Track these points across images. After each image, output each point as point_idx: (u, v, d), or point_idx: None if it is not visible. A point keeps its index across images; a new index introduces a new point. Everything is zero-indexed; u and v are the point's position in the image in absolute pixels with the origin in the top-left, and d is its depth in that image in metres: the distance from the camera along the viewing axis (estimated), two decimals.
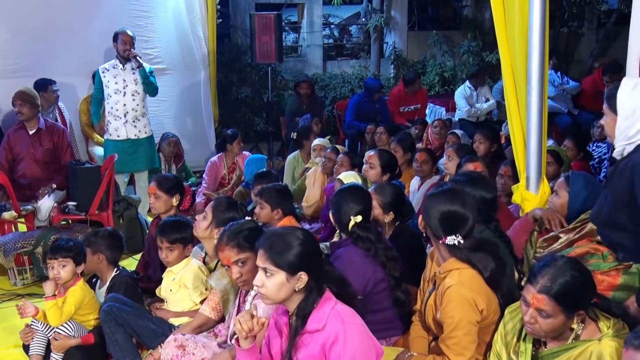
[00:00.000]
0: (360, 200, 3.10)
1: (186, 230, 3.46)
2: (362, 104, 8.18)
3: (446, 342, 2.54)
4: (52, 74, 6.37)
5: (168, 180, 4.17)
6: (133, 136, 6.02)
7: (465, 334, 2.51)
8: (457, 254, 2.58)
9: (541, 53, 3.53)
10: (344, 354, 2.16)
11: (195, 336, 2.94)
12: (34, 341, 3.42)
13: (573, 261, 2.28)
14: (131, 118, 5.97)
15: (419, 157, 5.18)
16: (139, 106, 6.01)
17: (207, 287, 3.34)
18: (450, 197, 2.63)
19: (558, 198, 3.35)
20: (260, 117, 9.47)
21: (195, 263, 3.47)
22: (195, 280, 3.38)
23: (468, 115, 7.91)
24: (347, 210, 3.06)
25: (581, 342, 2.20)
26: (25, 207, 5.09)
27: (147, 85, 5.95)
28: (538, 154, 3.68)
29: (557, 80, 8.00)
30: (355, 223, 3.03)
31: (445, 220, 2.58)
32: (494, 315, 2.57)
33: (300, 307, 2.29)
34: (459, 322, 2.50)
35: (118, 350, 3.20)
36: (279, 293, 2.26)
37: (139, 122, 6.04)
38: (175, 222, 3.51)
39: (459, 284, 2.52)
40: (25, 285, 4.80)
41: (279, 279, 2.24)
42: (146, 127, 6.12)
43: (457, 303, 2.50)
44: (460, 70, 10.31)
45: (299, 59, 10.77)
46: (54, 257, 3.39)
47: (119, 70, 5.90)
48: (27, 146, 5.40)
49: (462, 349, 2.51)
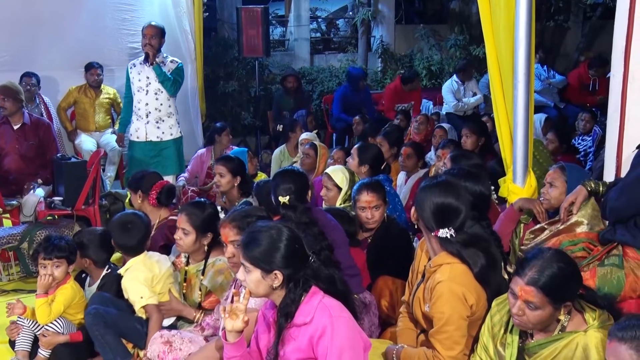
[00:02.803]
0: (289, 182, 3.25)
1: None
2: (348, 95, 8.22)
3: (436, 337, 2.55)
4: (37, 67, 6.32)
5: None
6: (155, 138, 5.60)
7: (455, 329, 2.51)
8: (448, 247, 2.59)
9: (527, 47, 3.54)
10: (331, 347, 2.17)
11: (182, 332, 2.94)
12: (20, 337, 3.40)
13: (560, 253, 2.30)
14: (154, 119, 5.55)
15: (404, 152, 5.21)
16: (163, 106, 5.56)
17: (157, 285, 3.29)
18: (445, 189, 2.62)
19: (555, 189, 3.34)
20: (247, 111, 9.44)
21: (141, 259, 3.38)
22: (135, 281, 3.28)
23: (455, 110, 7.94)
24: (278, 192, 3.23)
25: (567, 334, 2.22)
26: (10, 202, 5.05)
27: (164, 83, 5.46)
28: (524, 148, 3.69)
29: (543, 74, 8.06)
30: (284, 203, 3.18)
31: (439, 213, 2.58)
32: (482, 310, 2.58)
33: (282, 303, 2.30)
34: (449, 317, 2.50)
35: (109, 352, 3.17)
36: (257, 289, 2.30)
37: (163, 124, 5.59)
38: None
39: (449, 279, 2.52)
40: (11, 280, 4.77)
41: (255, 276, 2.28)
42: (172, 129, 5.66)
43: (448, 298, 2.50)
44: (447, 64, 10.33)
45: (286, 53, 10.74)
46: (49, 257, 3.35)
47: (144, 66, 5.50)
48: (11, 141, 5.35)
49: (452, 344, 2.52)
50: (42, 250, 3.39)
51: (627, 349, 1.73)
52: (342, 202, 4.12)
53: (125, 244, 3.39)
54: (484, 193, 3.08)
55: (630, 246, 2.77)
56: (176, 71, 5.53)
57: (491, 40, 3.77)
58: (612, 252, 2.81)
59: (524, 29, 3.52)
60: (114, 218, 3.58)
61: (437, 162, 4.74)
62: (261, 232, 2.31)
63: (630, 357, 1.71)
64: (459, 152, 4.26)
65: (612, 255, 2.80)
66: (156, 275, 3.31)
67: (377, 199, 3.63)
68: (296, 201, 3.20)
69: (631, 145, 3.16)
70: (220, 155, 5.30)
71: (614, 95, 3.36)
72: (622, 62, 3.24)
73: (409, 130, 6.80)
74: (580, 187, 3.07)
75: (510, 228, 3.41)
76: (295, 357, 2.26)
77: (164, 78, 5.44)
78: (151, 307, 3.20)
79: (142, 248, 3.41)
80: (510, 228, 3.41)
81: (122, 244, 3.41)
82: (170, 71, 5.49)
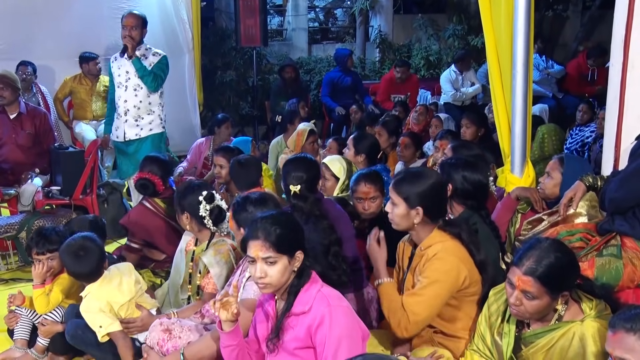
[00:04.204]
0: (302, 171, 3.18)
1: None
2: (336, 79, 8.26)
3: (409, 298, 2.57)
4: (33, 57, 6.28)
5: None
6: (134, 136, 5.20)
7: (433, 296, 2.53)
8: (451, 228, 2.64)
9: (526, 37, 3.54)
10: (329, 336, 2.18)
11: (181, 320, 2.94)
12: (18, 326, 3.41)
13: (557, 243, 2.30)
14: (132, 117, 5.15)
15: (401, 142, 5.22)
16: (142, 103, 5.13)
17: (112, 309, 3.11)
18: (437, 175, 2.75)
19: (551, 179, 3.37)
20: (245, 101, 9.42)
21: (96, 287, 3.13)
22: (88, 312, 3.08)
23: (453, 100, 7.93)
24: (289, 180, 3.17)
25: (564, 323, 2.22)
26: (7, 191, 5.04)
27: (144, 78, 5.03)
28: (523, 138, 3.69)
29: (541, 64, 8.03)
30: (295, 192, 3.12)
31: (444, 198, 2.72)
32: (475, 285, 2.60)
33: (292, 285, 2.31)
34: (432, 283, 2.53)
35: (99, 357, 3.19)
36: (282, 278, 2.27)
37: (142, 121, 5.17)
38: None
39: (443, 250, 2.56)
40: (9, 270, 4.77)
41: (283, 264, 2.25)
42: (152, 124, 5.21)
43: (439, 266, 2.54)
44: (445, 54, 10.30)
45: (284, 43, 10.71)
46: (41, 252, 3.34)
47: (123, 59, 5.12)
48: (8, 131, 5.33)
49: (421, 309, 2.53)
50: (34, 245, 3.37)
51: (636, 340, 1.72)
52: (339, 192, 4.12)
53: (80, 272, 3.10)
54: (482, 182, 3.09)
55: (629, 236, 2.78)
56: (158, 65, 5.09)
57: (490, 30, 3.76)
58: (611, 243, 2.82)
59: (522, 18, 3.51)
60: (65, 245, 3.14)
61: (435, 153, 4.73)
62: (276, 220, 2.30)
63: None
64: (460, 143, 4.25)
65: (610, 246, 2.81)
66: (116, 302, 3.11)
67: (375, 190, 3.62)
68: (307, 191, 3.15)
69: (630, 135, 3.16)
70: (219, 146, 5.24)
71: (612, 85, 3.35)
72: (622, 51, 3.23)
73: (407, 120, 6.79)
74: (578, 183, 3.08)
75: (507, 217, 3.43)
76: (293, 346, 2.27)
77: (144, 73, 5.02)
78: (114, 334, 3.04)
79: (98, 274, 3.12)
80: (507, 217, 3.43)
81: (76, 272, 3.11)
82: (152, 65, 5.06)
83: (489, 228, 3.00)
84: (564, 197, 3.13)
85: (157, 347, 2.78)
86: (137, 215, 4.11)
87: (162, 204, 4.12)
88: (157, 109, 5.25)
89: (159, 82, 5.12)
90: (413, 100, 8.41)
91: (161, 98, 5.29)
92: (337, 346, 2.16)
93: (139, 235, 4.06)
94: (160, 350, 2.76)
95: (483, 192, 3.10)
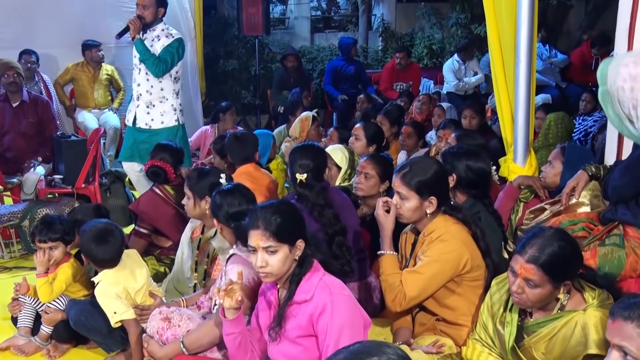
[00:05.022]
0: (309, 159, 3.18)
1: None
2: (339, 67, 8.24)
3: (408, 275, 2.58)
4: (35, 45, 6.27)
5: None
6: (144, 125, 4.96)
7: (432, 275, 2.54)
8: (457, 214, 2.64)
9: (530, 25, 3.52)
10: (331, 325, 2.18)
11: (180, 308, 2.95)
12: (22, 313, 3.42)
13: (561, 232, 2.30)
14: (144, 102, 4.92)
15: (404, 131, 5.21)
16: (154, 88, 4.88)
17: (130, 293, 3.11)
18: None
19: (552, 168, 3.37)
20: (247, 90, 9.41)
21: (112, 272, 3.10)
22: (105, 297, 3.04)
23: (456, 89, 7.91)
24: (295, 168, 3.17)
25: (566, 313, 2.23)
26: (10, 180, 5.05)
27: (145, 62, 4.77)
28: (525, 127, 3.68)
29: (545, 53, 8.00)
30: (301, 181, 3.13)
31: None
32: (477, 270, 2.61)
33: (293, 274, 2.31)
34: (432, 262, 2.55)
35: (104, 344, 3.20)
36: (283, 267, 2.27)
37: (153, 109, 4.92)
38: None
39: (447, 233, 2.57)
40: (12, 258, 4.78)
41: (284, 253, 2.25)
42: (164, 116, 4.92)
43: (442, 247, 2.55)
44: (448, 42, 10.25)
45: (286, 31, 10.68)
46: (43, 240, 3.34)
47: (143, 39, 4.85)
48: (11, 119, 5.33)
49: (418, 287, 2.55)
50: (37, 233, 3.37)
51: (634, 328, 1.73)
52: (341, 181, 4.12)
53: (102, 258, 3.04)
54: (484, 170, 3.09)
55: (631, 225, 2.77)
56: (166, 48, 4.78)
57: (493, 18, 3.75)
58: (613, 232, 2.81)
59: (526, 7, 3.50)
60: (87, 228, 3.10)
61: (437, 142, 4.72)
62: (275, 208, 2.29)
63: (638, 335, 1.71)
64: (464, 132, 4.24)
65: (612, 235, 2.80)
66: (132, 287, 3.10)
67: (372, 168, 3.57)
68: (313, 179, 3.16)
69: None
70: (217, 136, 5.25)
71: None
72: (626, 40, 3.22)
73: (410, 109, 6.77)
74: (581, 172, 3.07)
75: (509, 205, 3.43)
76: (295, 335, 2.27)
77: (144, 56, 4.75)
78: (127, 321, 3.01)
79: (117, 261, 3.09)
80: (509, 205, 3.43)
81: (97, 258, 3.05)
82: (162, 47, 4.80)
83: (492, 217, 3.01)
84: (566, 186, 3.12)
85: (156, 336, 2.78)
86: (147, 201, 4.13)
87: (171, 191, 4.14)
88: (171, 97, 4.94)
89: (161, 67, 4.78)
90: (415, 89, 8.39)
91: (176, 84, 4.97)
92: (339, 334, 2.17)
93: (148, 221, 4.08)
94: (160, 339, 2.77)
95: (486, 180, 3.11)
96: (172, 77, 4.93)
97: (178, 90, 5.02)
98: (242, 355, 2.42)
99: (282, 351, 2.33)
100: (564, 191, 3.11)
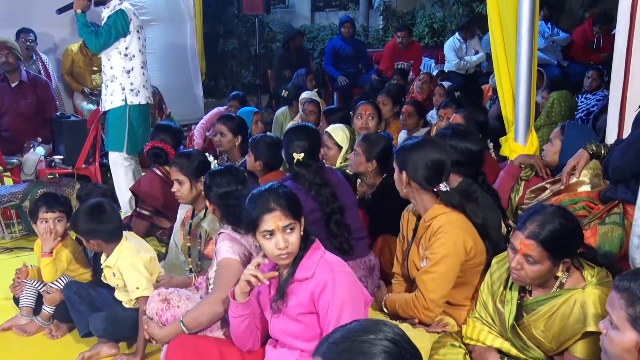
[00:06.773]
0: (304, 139, 3.21)
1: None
2: (338, 46, 8.21)
3: (423, 277, 2.59)
4: (32, 24, 6.23)
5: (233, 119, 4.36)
6: (102, 108, 4.84)
7: (445, 271, 2.55)
8: (451, 200, 2.61)
9: (532, 3, 3.48)
10: (332, 302, 2.19)
11: (179, 289, 2.95)
12: (23, 294, 3.44)
13: (562, 209, 2.30)
14: (104, 83, 4.74)
15: (405, 111, 5.20)
16: (105, 67, 4.66)
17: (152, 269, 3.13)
18: (432, 146, 2.66)
19: (551, 146, 3.38)
20: (247, 70, 9.36)
21: (130, 242, 3.11)
22: (133, 268, 3.03)
23: (457, 68, 7.87)
24: (292, 148, 3.18)
25: (565, 291, 2.23)
26: (10, 160, 5.05)
27: (83, 36, 4.56)
28: (527, 106, 3.66)
29: (547, 31, 7.93)
30: (298, 160, 3.15)
31: (434, 168, 2.61)
32: (480, 256, 2.62)
33: None
34: (443, 258, 2.55)
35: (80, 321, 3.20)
36: (299, 244, 2.28)
37: (106, 90, 4.70)
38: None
39: (448, 223, 2.56)
40: (13, 239, 4.80)
41: (298, 229, 2.27)
42: (113, 96, 4.65)
43: (446, 240, 2.55)
44: (449, 21, 10.18)
45: (286, 10, 10.60)
46: (51, 210, 3.35)
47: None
48: (9, 99, 5.32)
49: (436, 286, 2.56)
50: (43, 204, 3.39)
51: (618, 299, 1.75)
52: (342, 161, 4.11)
53: (101, 229, 3.00)
54: (470, 149, 3.06)
55: (632, 204, 2.77)
56: (105, 22, 4.50)
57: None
58: (613, 211, 2.82)
59: None
60: (81, 207, 3.11)
61: (438, 122, 4.70)
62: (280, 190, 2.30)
63: (620, 307, 1.73)
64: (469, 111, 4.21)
65: (613, 214, 2.81)
66: (153, 257, 3.13)
67: (358, 145, 3.65)
68: (309, 159, 3.19)
69: (635, 103, 3.13)
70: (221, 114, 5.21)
71: (618, 52, 3.32)
72: (628, 18, 3.19)
73: (410, 88, 6.74)
74: (581, 151, 3.06)
75: (510, 184, 3.43)
76: (296, 312, 2.28)
77: (81, 31, 4.48)
78: (142, 299, 2.97)
79: (118, 234, 3.07)
80: (510, 184, 3.43)
81: (97, 230, 3.00)
82: (104, 20, 4.53)
83: (489, 194, 3.00)
84: (567, 165, 3.11)
85: (156, 317, 2.79)
86: (148, 182, 4.13)
87: None
88: (120, 75, 4.61)
89: (95, 42, 4.47)
90: (417, 68, 8.34)
91: (128, 61, 4.62)
92: (340, 311, 2.18)
93: (150, 202, 4.08)
94: (159, 320, 2.78)
95: (474, 159, 3.08)
96: (122, 53, 4.61)
97: (132, 67, 4.67)
98: (247, 338, 2.44)
99: (283, 328, 2.34)
100: (565, 170, 3.11)
